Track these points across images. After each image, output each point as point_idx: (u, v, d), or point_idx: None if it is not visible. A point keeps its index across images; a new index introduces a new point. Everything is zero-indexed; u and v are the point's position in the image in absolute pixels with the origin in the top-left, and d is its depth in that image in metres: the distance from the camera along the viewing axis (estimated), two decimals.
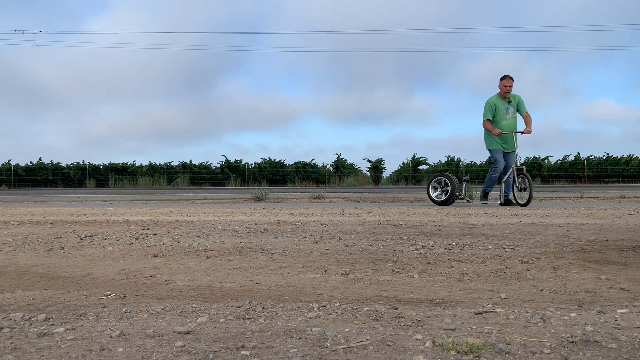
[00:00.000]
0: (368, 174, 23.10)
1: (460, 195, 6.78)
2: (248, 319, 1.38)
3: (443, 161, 22.33)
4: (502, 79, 6.69)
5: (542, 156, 22.53)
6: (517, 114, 6.76)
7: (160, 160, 24.80)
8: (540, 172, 21.79)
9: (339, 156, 23.60)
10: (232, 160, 23.50)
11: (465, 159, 22.95)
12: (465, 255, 2.45)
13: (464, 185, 6.91)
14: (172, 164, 23.97)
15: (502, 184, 6.64)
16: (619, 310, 1.46)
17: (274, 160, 23.73)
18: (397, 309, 1.48)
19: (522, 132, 6.61)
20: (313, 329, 1.27)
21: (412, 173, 21.93)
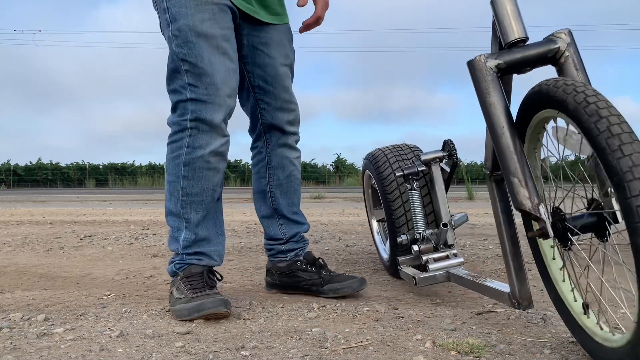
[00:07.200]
0: None
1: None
2: (248, 319, 1.38)
3: None
4: None
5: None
6: None
7: (160, 160, 24.78)
8: None
9: (339, 156, 23.61)
10: (232, 160, 23.49)
11: (466, 159, 22.97)
12: (466, 255, 2.44)
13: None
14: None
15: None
16: (619, 311, 1.46)
17: None
18: (397, 309, 1.48)
19: None
20: (313, 329, 1.27)
21: None
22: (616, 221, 0.95)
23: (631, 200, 0.79)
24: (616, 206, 0.93)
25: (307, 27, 1.64)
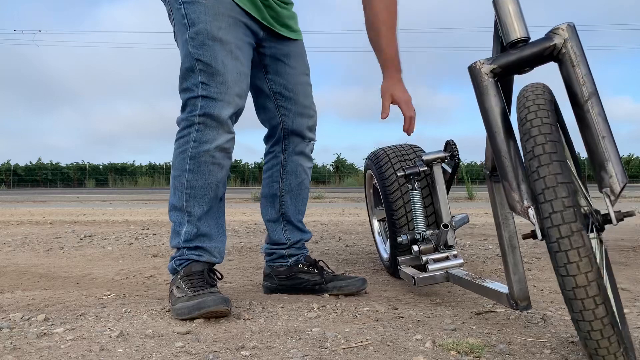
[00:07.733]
0: None
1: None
2: (248, 319, 1.38)
3: None
4: None
5: None
6: None
7: (160, 159, 24.79)
8: None
9: (339, 156, 23.62)
10: (232, 160, 23.49)
11: (466, 159, 22.90)
12: (466, 255, 2.44)
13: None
14: (171, 163, 23.98)
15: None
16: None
17: None
18: (397, 309, 1.48)
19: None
20: (313, 329, 1.27)
21: None
22: (606, 222, 0.93)
23: (543, 221, 0.82)
24: (610, 208, 0.92)
25: (409, 129, 1.76)
